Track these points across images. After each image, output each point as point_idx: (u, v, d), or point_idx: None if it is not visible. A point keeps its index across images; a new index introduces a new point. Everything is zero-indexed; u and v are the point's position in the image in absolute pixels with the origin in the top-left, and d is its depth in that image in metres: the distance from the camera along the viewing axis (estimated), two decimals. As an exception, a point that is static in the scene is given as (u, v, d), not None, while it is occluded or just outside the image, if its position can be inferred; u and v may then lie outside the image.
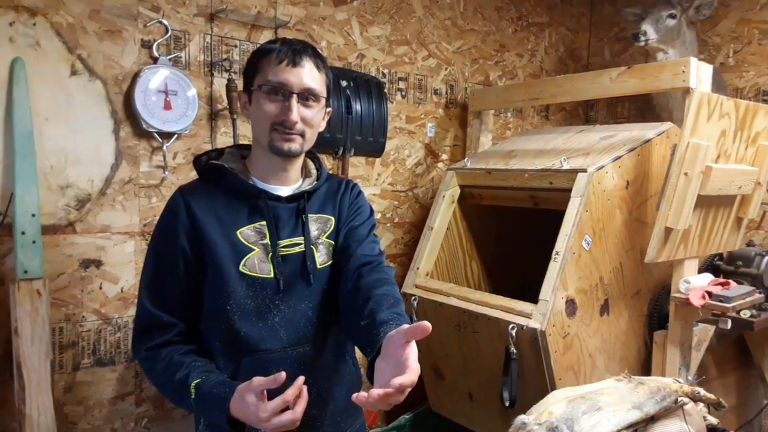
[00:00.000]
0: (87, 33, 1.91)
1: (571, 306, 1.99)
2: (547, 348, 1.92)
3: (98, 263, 1.98)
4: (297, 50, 1.27)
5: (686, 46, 2.71)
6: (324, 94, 1.31)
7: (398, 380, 0.93)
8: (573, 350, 2.00)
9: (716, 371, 2.58)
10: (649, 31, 2.61)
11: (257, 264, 1.28)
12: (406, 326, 1.02)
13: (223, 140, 2.17)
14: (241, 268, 1.27)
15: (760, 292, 2.22)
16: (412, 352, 0.99)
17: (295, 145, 1.28)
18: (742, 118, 2.02)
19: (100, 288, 1.99)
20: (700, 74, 2.03)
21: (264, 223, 1.30)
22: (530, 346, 1.96)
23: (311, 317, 1.32)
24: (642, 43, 2.63)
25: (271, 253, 1.29)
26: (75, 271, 1.94)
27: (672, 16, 2.64)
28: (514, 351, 1.98)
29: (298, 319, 1.31)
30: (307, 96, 1.27)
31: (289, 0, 2.30)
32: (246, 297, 1.27)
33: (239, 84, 2.12)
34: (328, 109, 1.37)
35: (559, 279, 1.94)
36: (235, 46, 2.19)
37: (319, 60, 1.31)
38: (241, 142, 2.13)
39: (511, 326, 1.97)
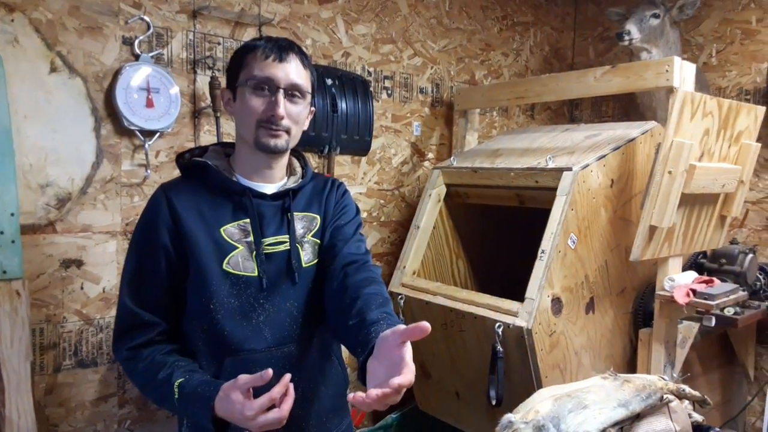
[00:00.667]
0: (67, 29, 1.87)
1: (557, 304, 1.99)
2: (534, 346, 1.92)
3: (79, 263, 1.95)
4: (283, 47, 1.26)
5: (670, 45, 2.73)
6: (309, 90, 1.30)
7: (397, 380, 0.92)
8: (559, 348, 2.01)
9: (700, 368, 2.60)
10: (633, 30, 2.63)
11: (241, 262, 1.26)
12: (402, 326, 1.01)
13: (207, 139, 2.15)
14: (224, 266, 1.25)
15: (743, 290, 2.24)
16: (408, 352, 0.98)
17: (281, 141, 1.27)
18: (725, 116, 2.03)
19: (82, 288, 1.96)
20: (683, 73, 2.04)
21: (248, 220, 1.28)
22: (516, 344, 1.95)
23: (296, 316, 1.31)
24: (626, 43, 2.64)
25: (255, 252, 1.27)
26: (55, 271, 1.91)
27: (655, 16, 2.65)
28: (501, 349, 1.97)
29: (283, 318, 1.29)
30: (293, 92, 1.26)
31: (274, -3, 2.29)
32: (229, 296, 1.25)
33: (223, 82, 2.10)
34: (312, 109, 1.36)
35: (545, 277, 1.94)
36: (219, 44, 2.17)
37: (304, 57, 1.30)
38: (225, 140, 2.11)
39: (497, 325, 1.96)
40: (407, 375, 0.94)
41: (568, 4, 3.46)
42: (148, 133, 2.02)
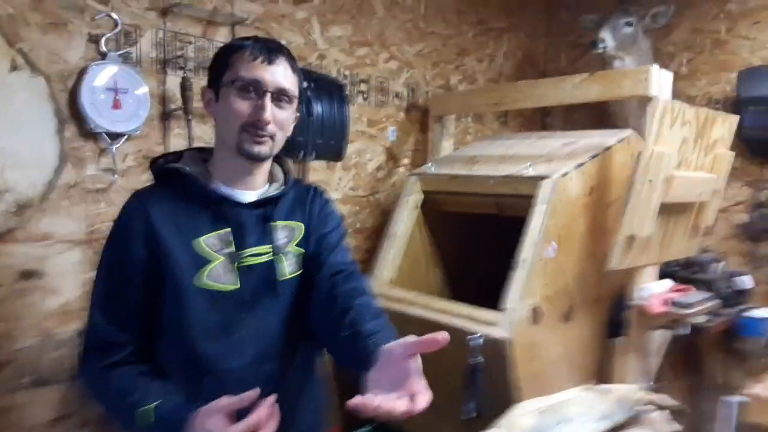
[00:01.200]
0: (29, 25, 1.76)
1: (536, 314, 1.96)
2: (513, 357, 1.89)
3: (39, 274, 1.83)
4: (272, 48, 1.20)
5: (642, 54, 2.75)
6: (297, 95, 1.25)
7: (421, 405, 0.91)
8: (537, 359, 1.98)
9: (669, 376, 2.62)
10: (608, 38, 2.64)
11: (220, 275, 1.20)
12: (412, 338, 0.96)
13: (177, 142, 2.05)
14: (202, 279, 1.18)
15: (715, 298, 2.27)
16: (419, 367, 0.94)
17: (265, 148, 1.21)
18: (702, 126, 2.05)
19: (41, 301, 1.84)
20: (661, 82, 2.05)
21: (228, 230, 1.22)
22: (495, 355, 1.92)
23: (279, 331, 1.25)
24: (600, 50, 2.66)
25: (235, 263, 1.20)
26: (13, 282, 1.78)
27: (629, 24, 2.67)
28: (479, 361, 1.94)
29: (265, 333, 1.23)
30: (280, 96, 1.20)
31: (248, -4, 2.21)
32: (207, 311, 1.18)
33: (195, 83, 2.02)
34: (297, 114, 1.30)
35: (525, 286, 1.92)
36: (190, 43, 2.08)
37: (293, 61, 1.24)
38: (196, 144, 2.02)
39: (477, 335, 1.93)
40: (426, 396, 0.91)
41: (540, 11, 3.47)
42: (115, 136, 1.91)
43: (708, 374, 2.79)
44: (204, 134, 2.08)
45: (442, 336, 0.91)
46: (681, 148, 2.00)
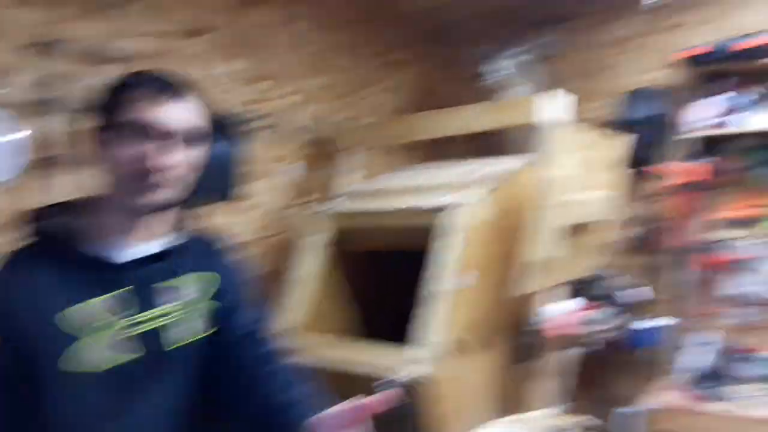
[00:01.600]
0: None
1: (455, 346, 1.93)
2: (435, 393, 1.84)
3: None
4: (171, 83, 1.05)
5: (536, 81, 2.86)
6: (205, 133, 1.09)
7: None
8: (459, 392, 1.95)
9: (578, 394, 2.67)
10: (503, 67, 2.73)
11: (107, 347, 1.00)
12: (347, 404, 0.88)
13: (60, 193, 1.87)
14: (82, 354, 0.98)
15: (621, 312, 2.35)
16: None
17: (163, 196, 1.04)
18: (598, 147, 2.13)
19: None
20: (557, 107, 2.11)
21: (119, 292, 1.03)
22: (417, 393, 1.86)
23: (180, 408, 1.09)
24: (495, 80, 2.73)
25: (128, 331, 1.02)
26: None
27: (523, 53, 2.77)
28: (406, 402, 1.87)
29: (165, 412, 1.07)
30: (188, 136, 1.04)
31: (136, 30, 2.06)
32: (93, 394, 1.00)
33: (80, 125, 1.85)
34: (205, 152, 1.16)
35: (442, 319, 1.88)
36: (74, 82, 1.90)
37: (197, 96, 1.09)
38: (84, 193, 1.84)
39: (397, 377, 1.85)
40: None
41: (435, 44, 3.53)
42: (-14, 188, 1.71)
43: (612, 387, 2.88)
44: (92, 181, 1.91)
45: (386, 397, 0.81)
46: (580, 170, 2.06)
